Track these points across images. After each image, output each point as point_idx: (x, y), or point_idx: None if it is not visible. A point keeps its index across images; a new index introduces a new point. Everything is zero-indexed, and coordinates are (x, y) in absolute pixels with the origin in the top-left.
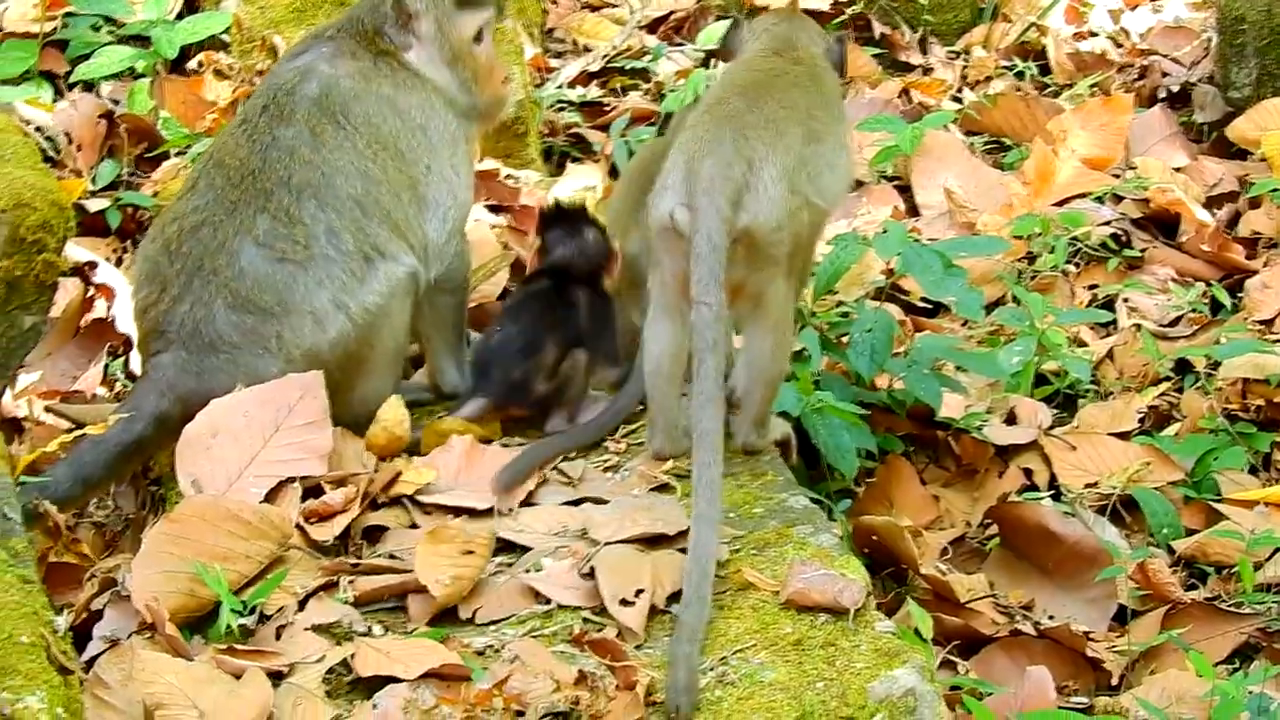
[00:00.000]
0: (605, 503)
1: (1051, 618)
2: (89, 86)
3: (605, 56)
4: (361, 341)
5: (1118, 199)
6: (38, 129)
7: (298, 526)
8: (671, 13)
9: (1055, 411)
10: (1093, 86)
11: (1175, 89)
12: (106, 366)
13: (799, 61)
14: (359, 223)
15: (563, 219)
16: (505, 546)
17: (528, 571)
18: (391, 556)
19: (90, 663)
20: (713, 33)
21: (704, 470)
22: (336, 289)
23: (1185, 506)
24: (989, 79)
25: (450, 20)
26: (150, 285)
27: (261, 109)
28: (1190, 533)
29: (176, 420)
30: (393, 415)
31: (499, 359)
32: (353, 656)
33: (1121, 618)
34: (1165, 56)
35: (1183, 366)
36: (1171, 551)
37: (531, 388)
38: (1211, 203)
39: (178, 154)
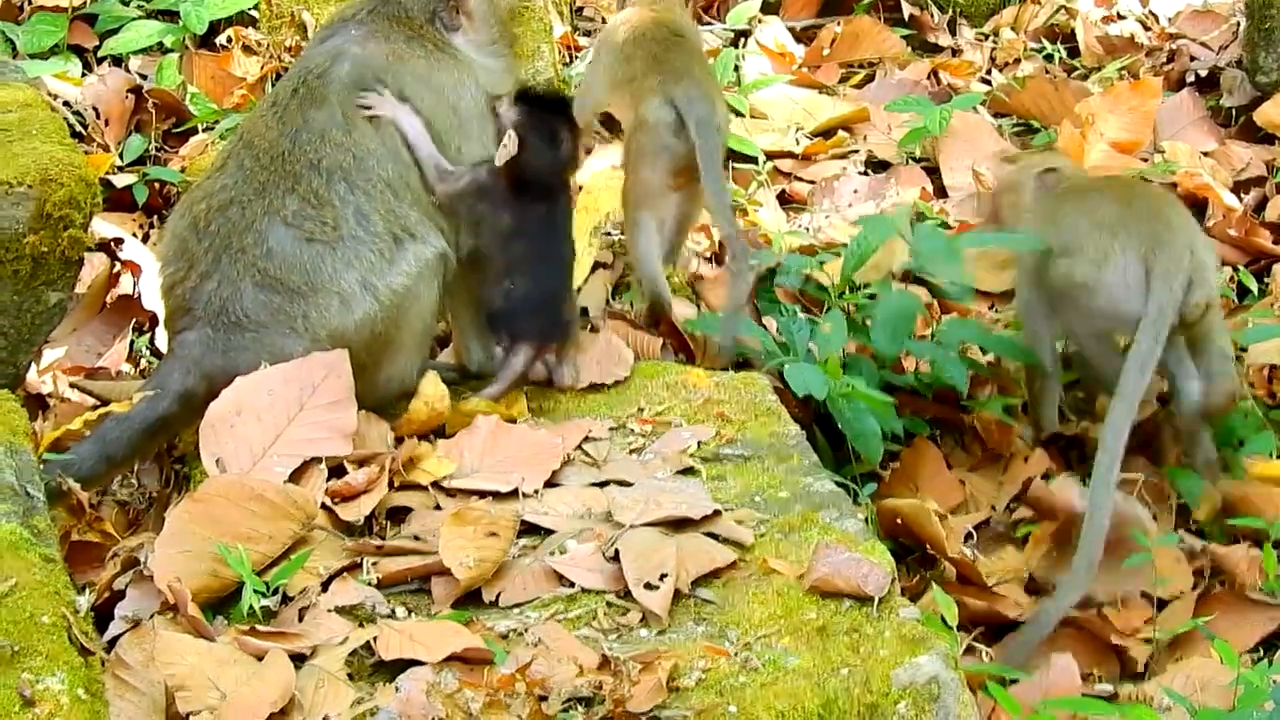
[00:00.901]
0: (630, 485)
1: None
2: (117, 61)
3: None
4: (388, 322)
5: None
6: (65, 103)
7: (322, 507)
8: None
9: (1081, 396)
10: (1121, 70)
11: (1203, 73)
12: (132, 343)
13: None
14: (389, 204)
15: (542, 111)
16: (529, 529)
17: (552, 554)
18: (416, 538)
19: (112, 643)
20: (742, 12)
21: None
22: (365, 270)
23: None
24: (1018, 61)
25: None
26: (178, 262)
27: (292, 92)
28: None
29: (201, 398)
30: (434, 390)
31: (524, 309)
32: (375, 639)
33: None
34: (1194, 40)
35: None
36: (1203, 535)
37: (565, 319)
38: (1239, 187)
39: (205, 129)
